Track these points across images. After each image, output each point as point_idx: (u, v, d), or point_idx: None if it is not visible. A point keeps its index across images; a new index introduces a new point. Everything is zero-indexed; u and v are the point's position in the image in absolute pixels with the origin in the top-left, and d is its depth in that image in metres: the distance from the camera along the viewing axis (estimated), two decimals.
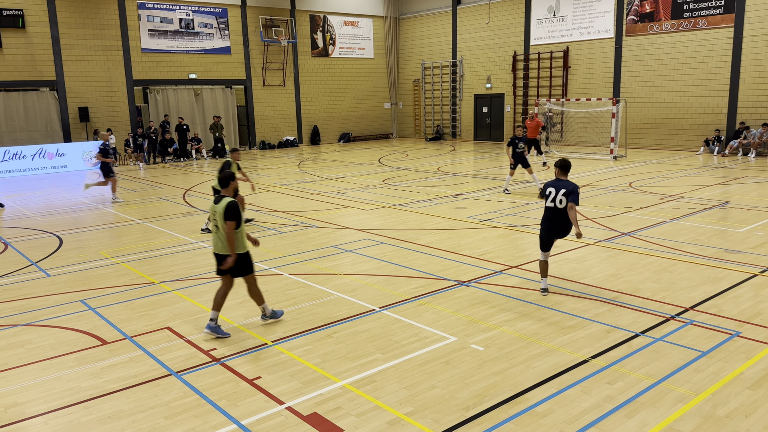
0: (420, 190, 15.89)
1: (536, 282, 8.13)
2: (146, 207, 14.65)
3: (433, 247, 10.11)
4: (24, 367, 5.96)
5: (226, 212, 6.12)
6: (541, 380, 5.41)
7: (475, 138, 31.22)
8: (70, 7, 23.53)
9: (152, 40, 25.74)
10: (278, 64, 29.69)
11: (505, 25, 28.88)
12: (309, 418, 4.87)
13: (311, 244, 10.50)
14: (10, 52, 22.45)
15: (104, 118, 24.75)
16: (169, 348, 6.32)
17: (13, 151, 21.48)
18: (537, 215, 12.38)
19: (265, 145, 29.44)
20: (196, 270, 9.17)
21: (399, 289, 7.96)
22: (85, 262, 9.77)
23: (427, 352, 6.03)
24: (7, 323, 7.16)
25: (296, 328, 6.76)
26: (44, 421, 4.97)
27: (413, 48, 33.52)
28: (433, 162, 22.47)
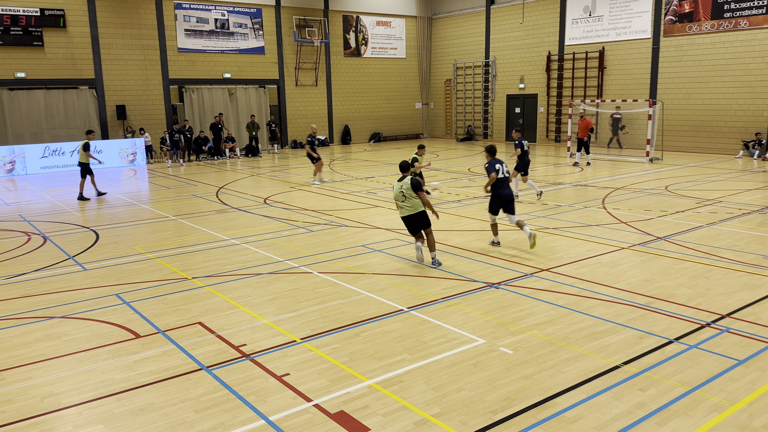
0: (450, 191, 15.82)
1: (569, 286, 8.02)
2: (180, 204, 14.91)
3: (462, 248, 10.06)
4: (60, 359, 6.13)
5: (412, 186, 8.87)
6: (571, 385, 5.33)
7: (507, 139, 30.95)
8: (109, 7, 24.09)
9: (188, 39, 26.18)
10: (311, 64, 29.91)
11: (540, 25, 28.56)
12: (336, 416, 4.89)
13: (340, 243, 10.54)
14: (52, 51, 23.09)
15: (141, 116, 25.27)
16: (200, 343, 6.42)
17: (53, 148, 22.09)
18: (571, 218, 12.22)
19: (297, 144, 29.68)
20: (227, 267, 9.29)
21: (427, 290, 7.94)
22: (120, 257, 9.99)
23: (455, 354, 6.00)
24: (45, 315, 7.36)
25: (324, 326, 6.80)
26: (79, 411, 5.10)
27: (445, 48, 33.40)
28: (463, 162, 22.35)
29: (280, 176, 19.77)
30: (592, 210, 13.04)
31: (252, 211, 13.67)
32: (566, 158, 22.88)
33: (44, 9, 22.60)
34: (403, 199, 8.96)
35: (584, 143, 20.29)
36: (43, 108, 23.30)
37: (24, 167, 21.62)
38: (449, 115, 33.95)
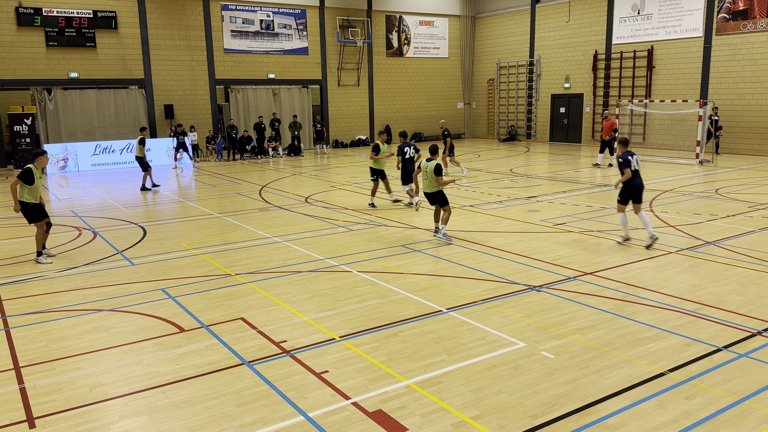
0: (491, 192, 15.68)
1: (613, 290, 7.85)
2: (224, 202, 15.20)
3: (503, 249, 9.95)
4: (107, 350, 6.33)
5: (435, 170, 10.32)
6: (614, 392, 5.21)
7: (551, 139, 30.47)
8: (158, 8, 24.74)
9: (234, 40, 26.67)
10: (353, 64, 30.07)
11: (586, 24, 28.01)
12: (374, 415, 4.91)
13: (380, 243, 10.57)
14: (104, 52, 23.86)
15: (188, 115, 25.87)
16: (242, 338, 6.53)
17: (103, 146, 22.83)
18: (617, 220, 11.95)
19: (338, 144, 29.89)
20: (269, 264, 9.43)
21: (467, 291, 7.88)
22: (166, 253, 10.25)
23: (494, 357, 5.94)
24: (94, 308, 7.61)
25: (363, 325, 6.83)
26: (125, 402, 5.25)
27: (489, 47, 33.09)
28: (505, 163, 22.11)
29: (322, 175, 19.94)
30: None
31: (293, 210, 13.83)
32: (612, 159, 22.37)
33: (97, 11, 23.37)
34: (425, 177, 10.47)
35: (608, 144, 19.86)
36: (94, 107, 24.09)
37: (76, 164, 22.41)
38: (491, 115, 33.62)
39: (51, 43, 22.74)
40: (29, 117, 22.21)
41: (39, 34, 22.58)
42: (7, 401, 5.27)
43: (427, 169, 10.46)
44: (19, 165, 22.36)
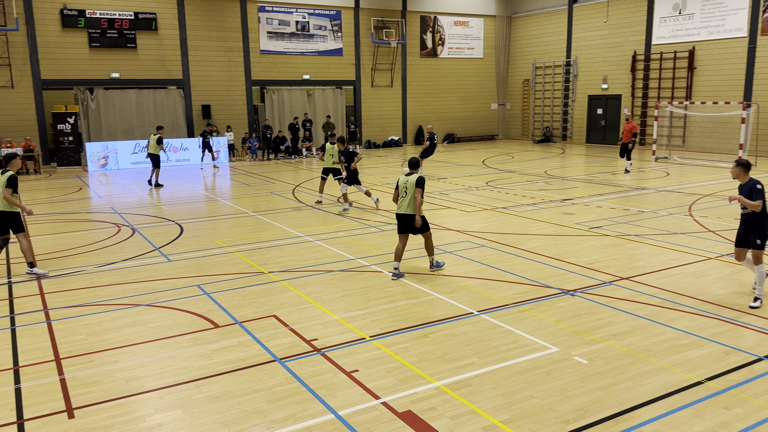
0: (525, 194, 15.51)
1: (650, 296, 7.69)
2: (259, 201, 15.40)
3: (536, 252, 9.84)
4: (144, 344, 6.47)
5: (417, 182, 8.40)
6: (649, 399, 5.11)
7: (588, 141, 29.99)
8: (197, 10, 25.20)
9: (270, 42, 26.99)
10: (387, 65, 30.12)
11: (625, 24, 27.49)
12: (404, 416, 4.91)
13: (411, 244, 10.54)
14: (144, 53, 24.41)
15: (224, 115, 26.27)
16: (274, 335, 6.61)
17: (143, 144, 23.32)
18: (654, 224, 11.70)
19: (371, 145, 29.97)
20: (302, 262, 9.51)
21: (499, 294, 7.82)
22: (202, 250, 10.43)
23: (526, 361, 5.88)
24: (132, 303, 7.80)
25: (393, 325, 6.83)
26: (160, 395, 5.36)
27: (524, 47, 32.76)
28: (540, 165, 21.85)
29: None
30: (677, 217, 12.43)
31: (325, 210, 13.92)
32: (650, 162, 21.92)
33: (138, 13, 23.93)
34: (404, 194, 8.62)
35: (627, 148, 19.02)
36: (134, 107, 24.66)
37: (116, 162, 22.97)
38: (526, 116, 33.27)
39: (94, 44, 23.36)
40: (72, 116, 22.87)
41: (82, 36, 23.23)
42: (48, 391, 5.44)
43: (407, 184, 8.53)
44: (62, 163, 23.06)
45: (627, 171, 19.15)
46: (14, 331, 6.89)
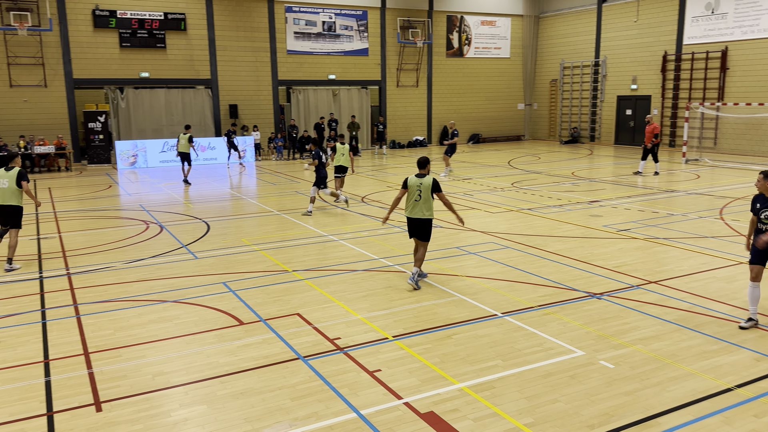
0: (551, 195, 15.36)
1: (679, 300, 7.55)
2: (284, 200, 15.51)
3: (562, 255, 9.73)
4: (170, 340, 6.56)
5: (434, 186, 8.03)
6: (677, 405, 5.01)
7: (616, 142, 29.56)
8: (225, 11, 25.48)
9: (297, 42, 27.16)
10: (412, 65, 30.08)
11: (656, 23, 27.03)
12: (426, 416, 4.89)
13: (435, 244, 10.52)
14: (173, 53, 24.77)
15: (251, 115, 26.52)
16: (297, 333, 6.65)
17: (171, 143, 23.66)
18: (684, 228, 11.49)
19: (395, 145, 29.96)
20: (325, 261, 9.55)
21: (523, 296, 7.75)
22: (228, 248, 10.55)
23: (551, 364, 5.81)
24: (159, 299, 7.91)
25: (417, 325, 6.82)
26: (185, 391, 5.43)
27: (552, 47, 32.42)
28: (567, 166, 21.61)
29: (379, 176, 20.04)
30: (708, 220, 12.18)
31: (350, 209, 13.96)
32: (681, 164, 21.53)
33: (168, 13, 24.28)
34: (417, 197, 8.11)
35: (650, 150, 18.49)
36: (163, 106, 25.04)
37: (145, 160, 23.34)
38: (553, 116, 32.93)
39: (124, 44, 23.78)
40: (103, 115, 23.32)
41: (113, 36, 23.65)
42: (76, 384, 5.55)
43: (421, 186, 8.04)
44: (93, 160, 23.53)
45: (656, 173, 18.82)
46: (45, 325, 7.05)
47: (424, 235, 8.18)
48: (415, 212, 8.12)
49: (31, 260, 9.88)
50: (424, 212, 8.08)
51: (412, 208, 8.14)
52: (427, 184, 8.05)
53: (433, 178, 8.11)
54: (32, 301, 7.86)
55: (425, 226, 8.13)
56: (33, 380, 5.65)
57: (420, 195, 8.06)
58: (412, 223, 8.22)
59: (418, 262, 8.20)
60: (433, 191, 8.05)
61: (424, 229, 8.15)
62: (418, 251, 8.27)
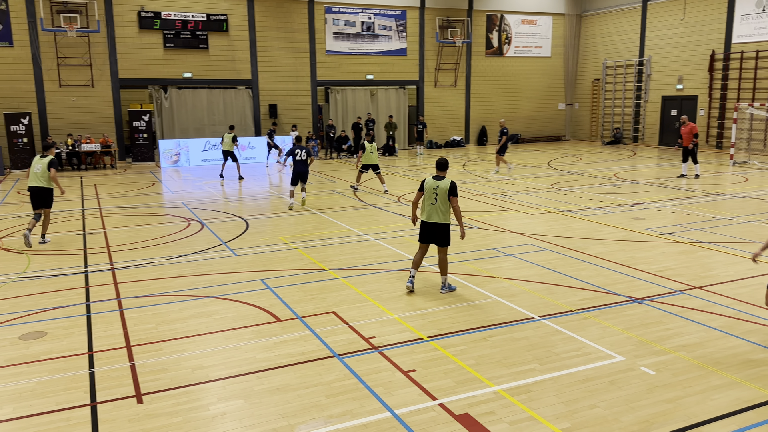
0: (592, 197, 15.07)
1: (724, 306, 7.31)
2: (321, 199, 15.63)
3: (603, 258, 9.54)
4: (209, 335, 6.69)
5: (451, 189, 7.67)
6: (721, 414, 4.86)
7: (660, 143, 28.83)
8: (266, 12, 25.82)
9: (336, 42, 27.33)
10: (451, 65, 29.93)
11: (703, 22, 26.26)
12: (461, 418, 4.86)
13: (471, 245, 10.45)
14: (215, 53, 25.23)
15: (290, 115, 26.82)
16: (333, 331, 6.69)
17: (212, 142, 24.13)
18: (730, 232, 11.14)
19: (432, 145, 29.86)
20: (361, 261, 9.58)
21: (562, 300, 7.63)
22: (266, 245, 10.69)
23: (589, 369, 5.71)
24: (200, 294, 8.07)
25: (452, 326, 6.78)
26: (223, 385, 5.53)
27: (594, 46, 31.82)
28: (609, 167, 21.18)
29: (415, 175, 20.01)
30: (756, 225, 11.77)
31: (386, 209, 13.97)
32: (728, 166, 20.87)
33: (210, 14, 24.75)
34: (433, 200, 7.74)
35: (690, 152, 17.89)
36: (205, 106, 25.53)
37: (187, 159, 23.84)
38: (595, 116, 32.32)
39: (168, 44, 24.34)
40: (147, 114, 23.93)
41: (158, 37, 24.23)
42: (119, 376, 5.70)
43: (438, 190, 7.72)
44: (137, 158, 24.16)
45: (697, 176, 18.18)
46: (90, 317, 7.27)
47: (442, 240, 7.78)
48: (432, 216, 7.76)
49: (77, 255, 10.21)
50: (441, 216, 7.72)
51: (429, 212, 7.78)
52: (444, 187, 7.69)
53: (451, 181, 7.74)
54: (78, 295, 8.12)
55: (442, 231, 7.76)
56: (78, 371, 5.83)
57: (436, 198, 7.71)
58: (428, 228, 7.83)
59: (444, 269, 7.90)
60: (449, 194, 7.69)
61: (442, 234, 7.77)
62: (438, 257, 7.91)
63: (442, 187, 7.69)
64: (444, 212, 7.72)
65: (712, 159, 23.33)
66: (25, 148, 21.97)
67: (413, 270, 7.97)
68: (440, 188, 7.70)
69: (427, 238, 7.88)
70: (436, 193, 7.71)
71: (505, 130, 19.67)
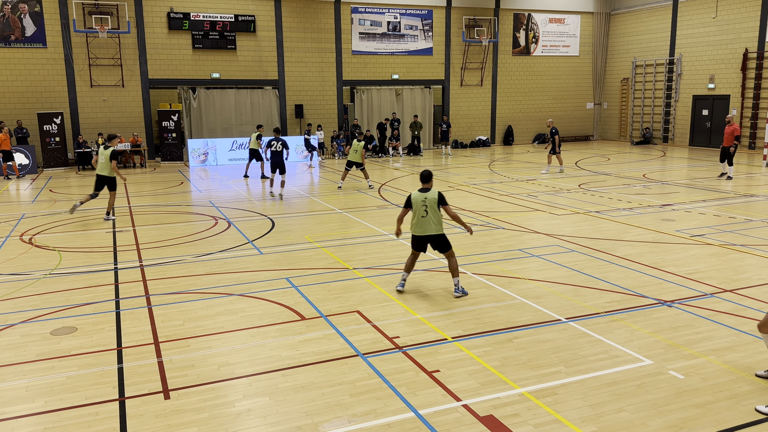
0: (620, 198, 14.85)
1: (757, 311, 7.15)
2: (346, 198, 15.68)
3: (631, 260, 9.39)
4: (235, 332, 6.76)
5: (440, 200, 7.69)
6: (752, 421, 4.75)
7: (691, 143, 28.28)
8: (293, 12, 26.00)
9: (362, 42, 27.39)
10: (477, 64, 29.77)
11: (736, 20, 25.68)
12: (485, 420, 4.83)
13: (496, 246, 10.38)
14: (243, 54, 25.49)
15: (315, 115, 26.96)
16: (357, 330, 6.70)
17: (240, 142, 24.37)
18: (764, 234, 10.87)
19: (457, 144, 29.73)
20: (386, 260, 9.59)
21: (589, 302, 7.53)
22: (291, 244, 10.76)
23: (616, 372, 5.62)
24: (226, 292, 8.16)
25: (476, 327, 6.75)
26: (248, 382, 5.58)
27: (624, 45, 31.35)
28: (638, 168, 20.84)
29: (440, 176, 19.95)
30: None
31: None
32: (761, 167, 20.37)
33: (238, 15, 25.01)
34: (423, 213, 7.73)
35: (728, 153, 17.45)
36: (233, 106, 25.81)
37: (215, 158, 24.13)
38: (624, 116, 31.84)
39: (197, 45, 24.66)
40: (176, 114, 24.28)
41: (186, 37, 24.57)
42: (147, 372, 5.80)
43: (426, 202, 7.70)
44: (166, 158, 24.53)
45: (729, 177, 17.67)
46: (119, 314, 7.40)
47: (442, 248, 7.82)
48: (426, 229, 7.73)
49: (107, 252, 10.41)
50: (435, 227, 7.71)
51: (421, 226, 7.75)
52: (433, 198, 7.68)
53: (438, 192, 7.74)
54: (108, 291, 8.27)
55: (440, 240, 7.78)
56: (107, 366, 5.94)
57: (426, 210, 7.69)
58: (423, 240, 7.83)
59: (454, 272, 7.82)
60: (439, 205, 7.69)
61: (440, 243, 7.79)
62: (447, 262, 7.88)
63: (430, 199, 7.69)
64: (437, 222, 7.72)
65: (745, 160, 22.80)
66: (57, 147, 22.48)
67: (405, 273, 7.99)
68: (429, 200, 7.69)
69: (422, 247, 7.92)
70: (425, 206, 7.69)
71: (555, 130, 19.88)
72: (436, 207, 7.69)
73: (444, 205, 7.70)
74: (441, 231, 7.79)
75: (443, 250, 7.84)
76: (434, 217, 7.69)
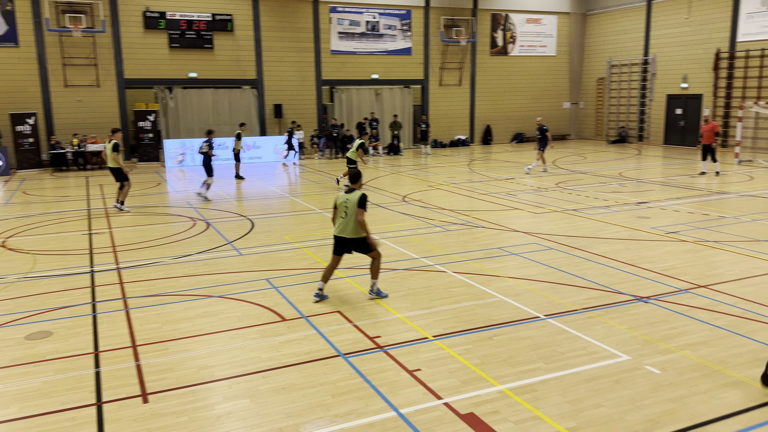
0: (597, 196, 15.04)
1: (730, 305, 7.29)
2: (326, 198, 15.64)
3: (608, 257, 9.52)
4: (215, 335, 6.71)
5: (359, 202, 7.41)
6: (726, 414, 4.85)
7: (666, 142, 28.73)
8: (271, 12, 25.85)
9: (341, 42, 27.34)
10: (456, 64, 29.90)
11: (708, 20, 26.15)
12: (466, 417, 4.87)
13: (476, 244, 10.45)
14: (220, 53, 25.27)
15: (295, 114, 26.83)
16: (338, 330, 6.70)
17: (218, 142, 24.03)
18: (735, 231, 11.10)
19: (437, 144, 29.83)
20: (366, 260, 9.53)
21: (567, 299, 7.62)
22: (271, 245, 10.71)
23: (594, 368, 5.70)
24: (205, 294, 8.10)
25: (457, 326, 6.79)
26: (229, 384, 5.55)
27: (600, 45, 31.73)
28: (614, 166, 21.12)
29: (420, 175, 20.01)
30: (761, 223, 11.72)
31: (390, 208, 13.98)
32: (733, 165, 20.78)
33: (215, 14, 24.80)
34: (344, 215, 7.51)
35: (710, 149, 18.11)
36: (210, 105, 25.58)
37: (193, 159, 23.86)
38: (600, 115, 32.23)
39: (173, 44, 24.39)
40: (152, 114, 24.00)
41: (163, 37, 24.29)
42: (124, 376, 5.73)
43: (348, 203, 7.47)
44: (143, 158, 24.22)
45: (717, 173, 18.34)
46: (95, 317, 7.30)
47: (362, 250, 7.58)
48: (345, 230, 7.47)
49: (83, 255, 10.25)
50: (351, 231, 7.43)
51: (341, 226, 7.50)
52: (354, 199, 7.41)
53: (361, 194, 7.44)
54: (84, 295, 8.16)
55: (358, 244, 7.53)
56: (83, 371, 5.86)
57: (346, 212, 7.44)
58: (342, 242, 7.57)
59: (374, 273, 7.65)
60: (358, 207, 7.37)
61: (358, 246, 7.55)
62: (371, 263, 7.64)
63: (352, 200, 7.44)
64: (356, 226, 7.44)
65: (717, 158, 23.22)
66: (30, 148, 22.08)
67: (321, 283, 7.70)
68: (350, 201, 7.45)
69: (341, 249, 7.65)
70: (346, 206, 7.47)
71: (544, 128, 19.88)
72: (356, 209, 7.40)
73: (359, 208, 7.35)
74: (358, 235, 7.45)
75: (365, 252, 7.59)
76: (353, 219, 7.42)
